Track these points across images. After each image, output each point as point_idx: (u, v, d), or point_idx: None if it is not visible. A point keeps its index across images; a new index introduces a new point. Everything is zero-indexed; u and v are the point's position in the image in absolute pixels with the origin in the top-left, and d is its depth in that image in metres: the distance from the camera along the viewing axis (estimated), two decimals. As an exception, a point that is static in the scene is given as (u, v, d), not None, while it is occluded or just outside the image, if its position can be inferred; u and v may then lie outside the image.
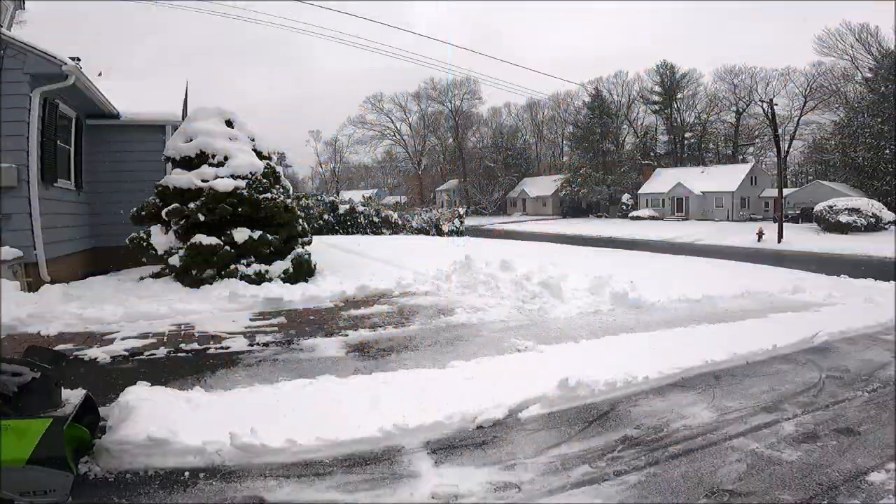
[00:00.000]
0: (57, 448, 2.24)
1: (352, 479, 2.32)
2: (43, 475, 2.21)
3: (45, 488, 2.22)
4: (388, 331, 5.09)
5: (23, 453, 2.19)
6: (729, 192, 43.98)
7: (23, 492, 2.19)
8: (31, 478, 2.20)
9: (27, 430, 2.23)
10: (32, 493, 2.21)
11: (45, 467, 2.20)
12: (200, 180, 7.05)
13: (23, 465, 2.18)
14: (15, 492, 2.19)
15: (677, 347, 4.31)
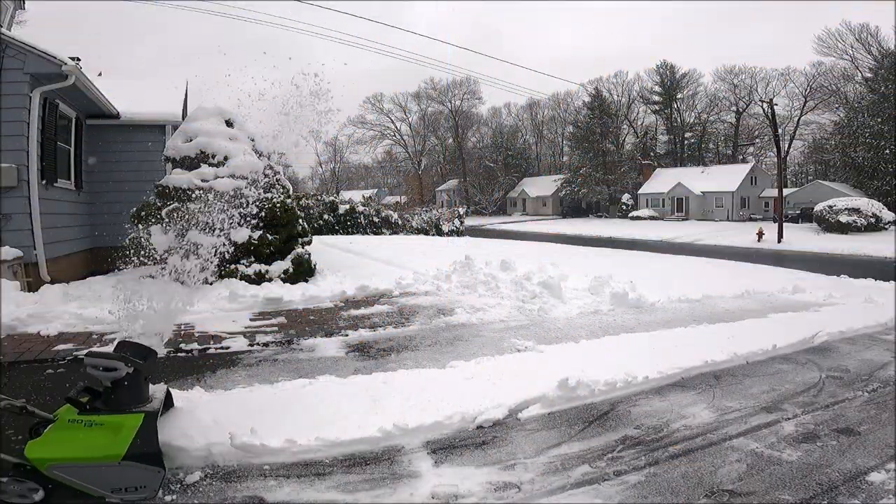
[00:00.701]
0: (152, 444, 2.21)
1: (352, 479, 2.32)
2: (137, 471, 2.17)
3: (136, 485, 2.19)
4: (388, 331, 5.09)
5: (119, 449, 2.15)
6: (729, 192, 43.99)
7: (115, 489, 2.16)
8: (125, 474, 2.16)
9: (122, 425, 2.19)
10: (124, 490, 2.17)
11: (139, 463, 2.17)
12: (200, 180, 7.05)
13: (118, 462, 2.14)
14: (107, 489, 2.15)
15: (677, 347, 4.31)
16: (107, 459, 2.12)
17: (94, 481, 2.12)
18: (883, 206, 28.91)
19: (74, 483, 2.12)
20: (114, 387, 2.26)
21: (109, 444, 2.14)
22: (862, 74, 43.71)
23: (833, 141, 42.47)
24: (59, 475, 2.09)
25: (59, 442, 2.15)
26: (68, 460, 2.10)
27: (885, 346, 4.75)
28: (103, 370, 2.23)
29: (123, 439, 2.16)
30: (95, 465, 2.11)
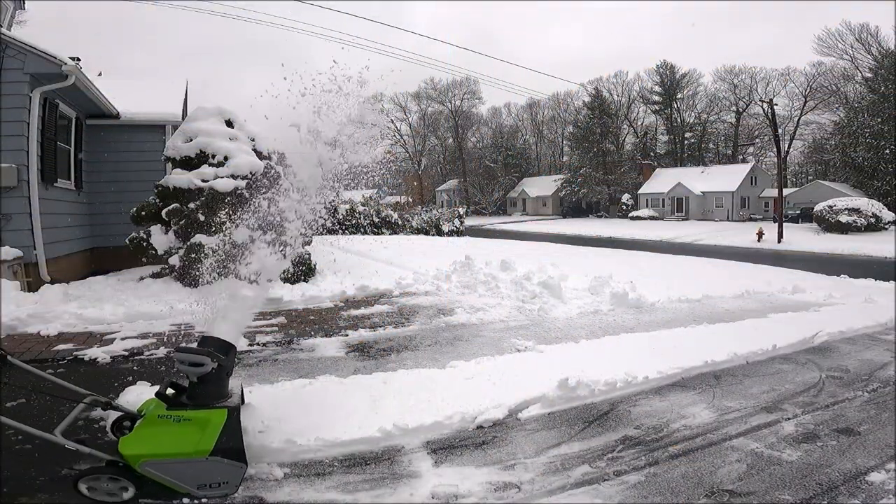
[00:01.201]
0: (237, 439, 2.23)
1: (352, 479, 2.32)
2: (222, 467, 2.19)
3: (220, 480, 2.20)
4: (388, 331, 5.09)
5: (207, 445, 2.16)
6: (729, 192, 43.99)
7: (200, 485, 2.17)
8: (212, 470, 2.17)
9: (209, 420, 2.20)
10: (208, 486, 2.18)
11: (225, 459, 2.18)
12: (200, 180, 7.05)
13: (206, 457, 2.16)
14: (193, 485, 2.17)
15: (677, 347, 4.31)
16: (196, 455, 2.15)
17: (183, 477, 2.15)
18: (883, 206, 28.90)
19: (164, 479, 2.14)
20: (199, 382, 2.27)
21: (198, 440, 2.16)
22: (862, 74, 43.71)
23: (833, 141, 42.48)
24: (150, 471, 2.11)
25: (150, 438, 2.16)
26: (160, 456, 2.12)
27: (885, 346, 4.75)
28: (190, 365, 2.25)
29: (211, 434, 2.18)
30: (185, 461, 2.14)
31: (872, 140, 35.68)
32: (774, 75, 52.83)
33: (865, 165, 36.33)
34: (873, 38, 42.68)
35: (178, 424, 2.18)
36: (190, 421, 2.19)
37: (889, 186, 34.09)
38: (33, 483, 2.20)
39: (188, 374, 2.26)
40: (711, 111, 57.29)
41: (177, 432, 2.17)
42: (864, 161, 36.22)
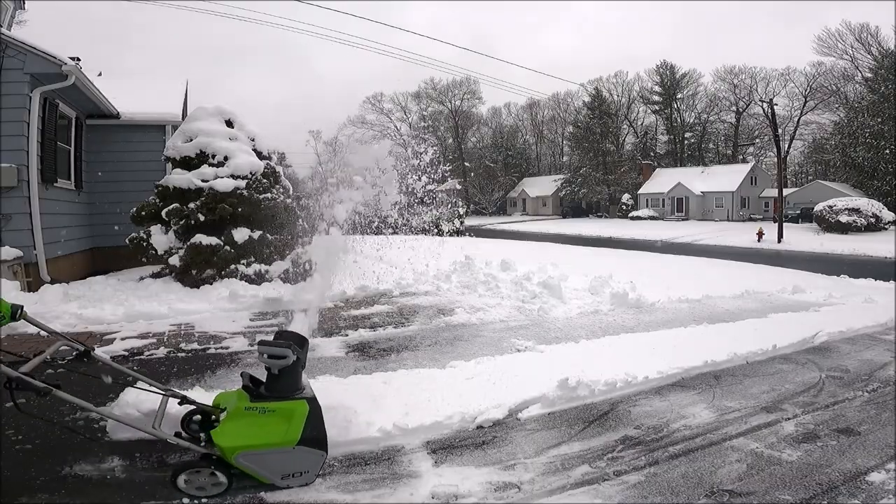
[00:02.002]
0: (320, 428, 2.30)
1: (352, 480, 2.32)
2: (306, 455, 2.26)
3: (302, 469, 2.27)
4: (388, 331, 5.09)
5: (294, 435, 2.22)
6: (729, 192, 43.98)
7: (285, 475, 2.24)
8: (297, 459, 2.24)
9: (293, 411, 2.26)
10: (291, 476, 2.25)
11: (310, 448, 2.25)
12: (200, 180, 7.05)
13: (294, 447, 2.22)
14: (278, 475, 2.23)
15: (677, 347, 4.31)
16: (284, 445, 2.20)
17: (271, 467, 2.21)
18: (883, 206, 28.89)
19: (253, 470, 2.19)
20: (279, 374, 2.31)
21: (286, 430, 2.22)
22: (862, 74, 43.72)
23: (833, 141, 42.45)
24: (243, 463, 2.17)
25: (241, 430, 2.20)
26: (254, 447, 2.17)
27: (885, 346, 4.74)
28: (273, 358, 2.29)
29: (297, 425, 2.23)
30: (275, 451, 2.20)
31: (872, 140, 35.67)
32: (774, 75, 52.82)
33: (865, 165, 36.32)
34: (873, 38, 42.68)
35: (263, 416, 2.23)
36: (275, 412, 2.24)
37: (889, 186, 34.08)
38: (33, 483, 2.19)
39: (271, 366, 2.31)
40: (711, 111, 57.27)
41: (264, 424, 2.22)
42: (864, 161, 36.21)
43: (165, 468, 2.38)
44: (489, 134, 67.10)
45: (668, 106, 58.25)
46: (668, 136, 59.94)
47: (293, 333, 2.45)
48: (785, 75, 52.09)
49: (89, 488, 2.15)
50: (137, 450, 2.53)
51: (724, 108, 56.79)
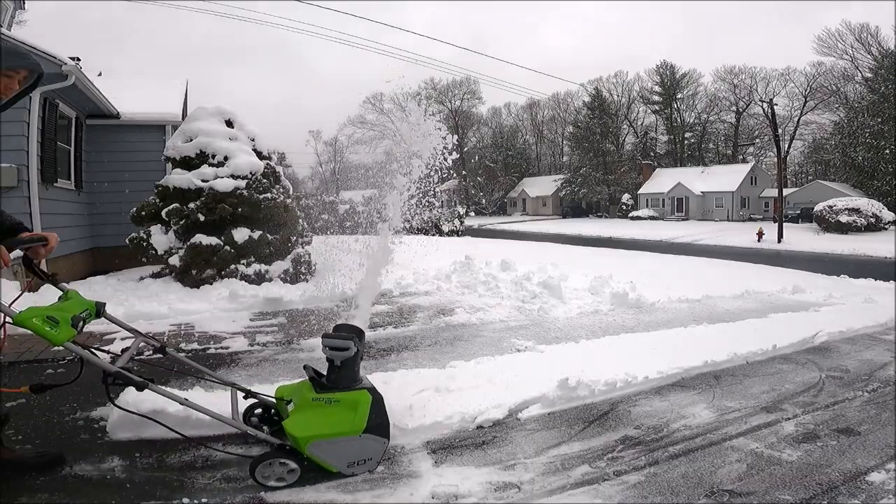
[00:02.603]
0: (384, 416, 2.39)
1: (351, 479, 2.32)
2: (370, 443, 2.35)
3: (366, 457, 2.36)
4: (388, 331, 5.09)
5: (361, 423, 2.31)
6: (729, 192, 44.00)
7: (350, 462, 2.33)
8: (362, 447, 2.34)
9: (357, 401, 2.35)
10: (356, 464, 2.35)
11: (375, 435, 2.35)
12: (200, 180, 7.05)
13: (360, 435, 2.31)
14: (344, 463, 2.32)
15: (677, 347, 4.31)
16: (352, 433, 2.30)
17: (338, 456, 2.30)
18: (883, 206, 28.92)
19: (323, 459, 2.28)
20: (342, 366, 2.40)
21: (353, 419, 2.31)
22: (862, 74, 43.74)
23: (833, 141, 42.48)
24: (314, 452, 2.25)
25: (311, 420, 2.29)
26: (323, 436, 2.26)
27: (885, 346, 4.74)
28: (335, 350, 2.39)
29: (362, 414, 2.32)
30: (342, 440, 2.29)
31: (872, 140, 35.69)
32: (774, 75, 52.87)
33: (865, 165, 36.34)
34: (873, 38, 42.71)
35: (330, 406, 2.32)
36: (340, 402, 2.33)
37: (889, 186, 34.10)
38: (33, 483, 2.19)
39: (334, 358, 2.40)
40: (711, 111, 57.30)
41: (332, 413, 2.31)
42: (864, 161, 36.23)
43: (165, 468, 2.38)
44: (489, 134, 67.11)
45: (668, 106, 58.27)
46: (668, 136, 59.96)
47: (352, 326, 2.56)
48: (785, 75, 52.13)
49: (89, 488, 2.15)
50: (137, 450, 2.53)
51: (724, 108, 56.83)
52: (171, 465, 2.42)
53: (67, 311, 2.04)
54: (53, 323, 1.94)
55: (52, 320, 1.94)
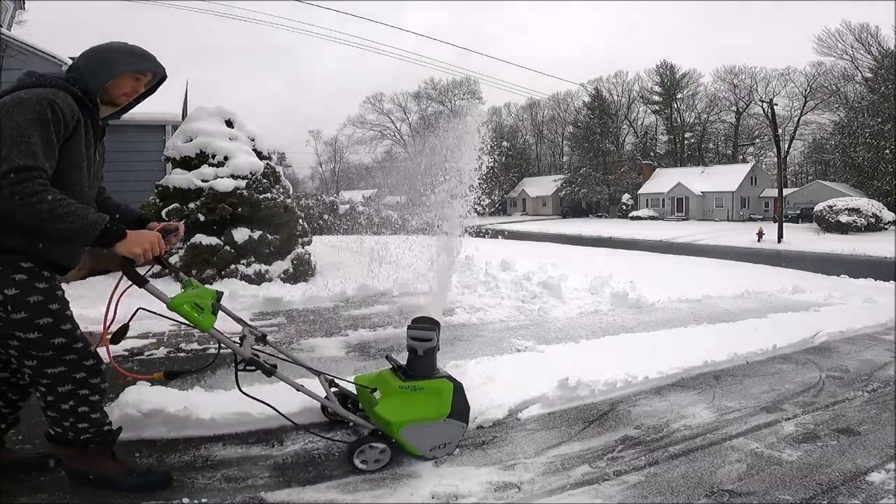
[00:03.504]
0: (464, 402, 2.54)
1: (352, 480, 2.32)
2: (451, 428, 2.50)
3: (446, 441, 2.50)
4: (389, 330, 5.09)
5: (445, 409, 2.47)
6: (729, 192, 44.00)
7: (433, 446, 2.47)
8: (444, 431, 2.48)
9: (440, 388, 2.50)
10: (437, 447, 2.49)
11: (456, 420, 2.50)
12: (200, 180, 7.05)
13: (444, 420, 2.46)
14: (427, 447, 2.46)
15: (677, 347, 4.30)
16: (437, 418, 2.45)
17: (423, 440, 2.45)
18: (883, 206, 28.92)
19: (410, 444, 2.42)
20: (423, 355, 2.57)
21: (437, 405, 2.46)
22: (862, 74, 43.75)
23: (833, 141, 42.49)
24: (404, 436, 2.39)
25: (401, 407, 2.44)
26: (413, 421, 2.41)
27: (885, 346, 4.74)
28: (419, 340, 2.57)
29: (446, 400, 2.48)
30: (428, 425, 2.44)
31: (872, 140, 35.70)
32: (774, 75, 52.90)
33: (865, 165, 36.35)
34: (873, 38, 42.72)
35: (415, 393, 2.48)
36: (424, 390, 2.49)
37: (889, 186, 34.11)
38: (33, 483, 2.20)
39: (417, 348, 2.57)
40: (711, 111, 57.32)
41: (418, 400, 2.47)
42: (864, 161, 36.23)
43: (165, 468, 2.38)
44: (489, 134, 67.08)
45: (668, 106, 58.29)
46: (668, 136, 59.98)
47: (431, 318, 2.69)
48: (785, 75, 52.16)
49: (89, 488, 2.15)
50: (137, 450, 2.53)
51: (724, 108, 56.86)
52: (171, 465, 2.42)
53: (203, 298, 2.16)
54: (200, 309, 2.09)
55: (198, 307, 2.09)
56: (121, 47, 2.12)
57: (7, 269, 1.85)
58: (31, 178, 1.75)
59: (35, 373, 1.96)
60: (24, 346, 1.91)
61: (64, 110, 1.87)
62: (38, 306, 1.89)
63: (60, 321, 1.95)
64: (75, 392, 2.01)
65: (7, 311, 1.86)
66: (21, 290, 1.86)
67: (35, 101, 1.81)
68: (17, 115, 1.78)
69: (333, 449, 2.61)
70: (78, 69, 2.03)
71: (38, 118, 1.80)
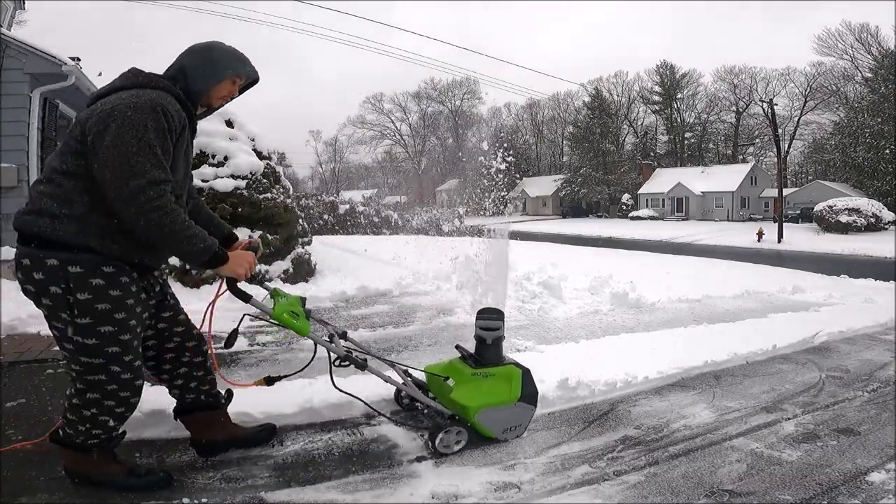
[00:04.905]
0: (533, 386, 2.70)
1: (352, 480, 2.32)
2: (522, 411, 2.67)
3: (516, 424, 2.67)
4: (389, 330, 5.09)
5: (516, 393, 2.62)
6: (729, 192, 44.00)
7: (504, 429, 2.64)
8: (515, 414, 2.65)
9: (510, 374, 2.65)
10: (509, 430, 2.65)
11: (527, 404, 2.67)
12: (200, 180, 7.04)
13: (515, 403, 2.63)
14: (499, 429, 2.62)
15: (677, 347, 4.30)
16: (509, 402, 2.61)
17: (496, 423, 2.61)
18: (883, 206, 28.92)
19: (484, 427, 2.59)
20: (493, 343, 2.70)
21: (508, 390, 2.62)
22: (862, 74, 43.75)
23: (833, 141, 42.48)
24: (479, 419, 2.56)
25: (475, 392, 2.59)
26: (488, 405, 2.57)
27: (885, 346, 4.74)
28: (487, 330, 2.70)
29: (516, 384, 2.63)
30: (501, 409, 2.60)
31: (872, 140, 35.71)
32: (774, 75, 52.90)
33: (865, 165, 36.35)
34: (873, 38, 42.72)
35: (487, 379, 2.62)
36: (495, 376, 2.63)
37: (889, 186, 34.12)
38: (33, 483, 2.20)
39: (486, 337, 2.70)
40: (711, 111, 57.33)
41: (491, 386, 2.61)
42: (864, 161, 36.24)
43: (165, 468, 2.38)
44: (489, 134, 67.07)
45: (668, 106, 58.29)
46: (668, 136, 59.98)
47: (497, 309, 2.80)
48: (785, 75, 52.16)
49: (89, 488, 2.15)
50: (137, 450, 2.53)
51: (724, 108, 56.86)
52: (171, 465, 2.42)
53: (294, 306, 2.33)
54: (296, 316, 2.29)
55: (294, 314, 2.29)
56: (225, 49, 2.11)
57: (87, 273, 1.85)
58: (165, 193, 1.79)
59: (77, 374, 2.02)
60: (77, 349, 1.96)
61: (174, 117, 1.88)
62: (104, 314, 1.90)
63: (121, 331, 1.96)
64: (101, 401, 2.02)
65: (73, 314, 1.88)
66: (94, 295, 1.87)
67: (150, 108, 1.80)
68: (137, 122, 1.76)
69: (333, 449, 2.61)
70: (182, 70, 2.03)
71: (157, 126, 1.79)
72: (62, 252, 1.82)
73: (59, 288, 1.84)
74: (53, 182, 1.84)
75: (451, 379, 2.69)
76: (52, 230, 1.81)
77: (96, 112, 1.80)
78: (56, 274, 1.83)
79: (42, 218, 1.81)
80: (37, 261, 1.83)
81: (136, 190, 1.72)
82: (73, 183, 1.82)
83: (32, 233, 1.83)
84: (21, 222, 1.85)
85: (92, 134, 1.77)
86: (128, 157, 1.72)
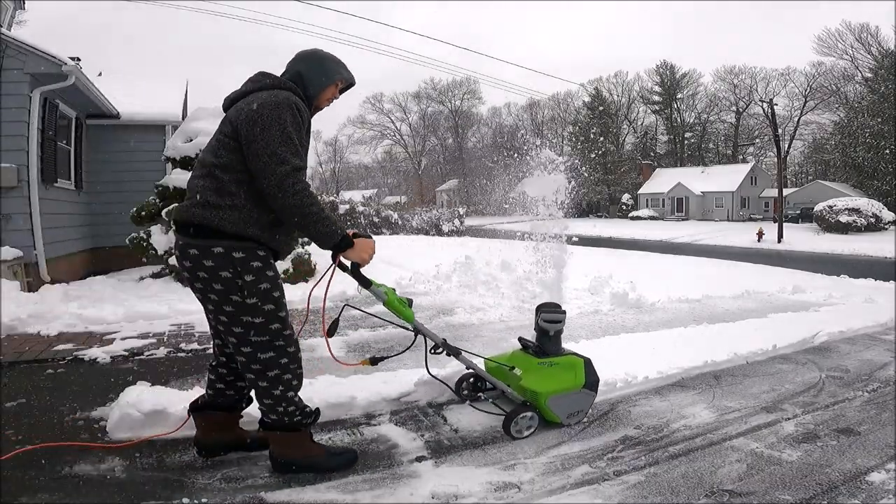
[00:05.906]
0: (595, 374, 2.88)
1: (351, 480, 2.32)
2: (585, 397, 2.86)
3: (579, 409, 2.86)
4: (389, 331, 5.10)
5: (580, 380, 2.81)
6: (729, 192, 43.99)
7: (569, 413, 2.82)
8: (578, 400, 2.84)
9: (573, 363, 2.84)
10: (573, 414, 2.84)
11: (589, 390, 2.86)
12: (200, 180, 7.05)
13: (580, 390, 2.81)
14: (564, 414, 2.81)
15: (677, 347, 4.30)
16: (573, 388, 2.80)
17: (563, 408, 2.79)
18: (883, 206, 28.91)
19: (552, 412, 2.76)
20: (555, 335, 2.91)
21: (574, 377, 2.81)
22: (862, 74, 43.73)
23: (833, 141, 42.49)
24: (549, 405, 2.73)
25: (544, 380, 2.77)
26: (557, 391, 2.76)
27: (885, 346, 4.74)
28: (550, 322, 2.90)
29: (580, 372, 2.82)
30: (568, 395, 2.78)
31: (872, 140, 35.71)
32: (774, 75, 52.86)
33: (865, 165, 36.35)
34: (873, 38, 42.69)
35: (551, 368, 2.81)
36: (559, 365, 2.83)
37: (889, 186, 34.12)
38: (33, 483, 2.20)
39: (549, 329, 2.90)
40: (711, 111, 57.29)
41: (557, 374, 2.80)
42: (864, 161, 36.24)
43: (165, 468, 2.38)
44: (489, 134, 67.11)
45: (668, 106, 58.27)
46: (668, 136, 59.97)
47: (556, 304, 3.01)
48: (785, 75, 52.13)
49: (89, 488, 2.15)
50: (137, 450, 2.53)
51: (724, 108, 56.83)
52: (171, 465, 2.42)
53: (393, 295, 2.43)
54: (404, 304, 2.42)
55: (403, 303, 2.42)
56: (331, 56, 2.33)
57: (249, 256, 2.02)
58: (303, 178, 1.99)
59: (248, 359, 2.12)
60: (245, 331, 2.07)
61: (303, 113, 2.09)
62: (266, 293, 2.06)
63: (279, 308, 2.12)
64: (281, 377, 2.16)
65: (244, 295, 2.02)
66: (256, 276, 2.03)
67: (287, 105, 2.02)
68: (279, 117, 1.97)
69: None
70: (300, 75, 2.22)
71: (293, 120, 2.01)
72: (224, 240, 1.99)
73: (229, 272, 2.00)
74: (212, 176, 2.02)
75: (517, 368, 2.85)
76: (218, 220, 1.98)
77: (244, 111, 2.02)
78: (224, 259, 1.99)
79: (209, 209, 1.99)
80: (204, 249, 1.99)
81: (283, 175, 1.92)
82: (229, 175, 2.01)
83: (202, 224, 1.98)
84: (190, 215, 2.02)
85: (244, 129, 1.98)
86: (274, 147, 1.94)
